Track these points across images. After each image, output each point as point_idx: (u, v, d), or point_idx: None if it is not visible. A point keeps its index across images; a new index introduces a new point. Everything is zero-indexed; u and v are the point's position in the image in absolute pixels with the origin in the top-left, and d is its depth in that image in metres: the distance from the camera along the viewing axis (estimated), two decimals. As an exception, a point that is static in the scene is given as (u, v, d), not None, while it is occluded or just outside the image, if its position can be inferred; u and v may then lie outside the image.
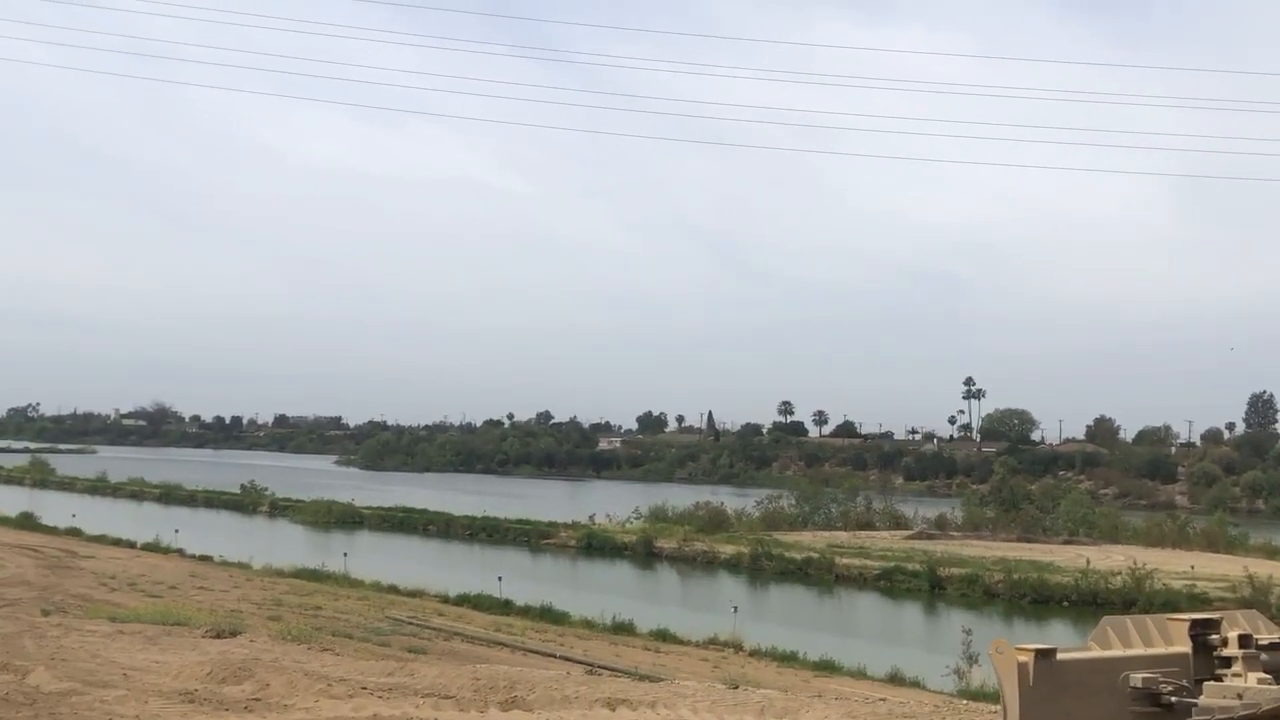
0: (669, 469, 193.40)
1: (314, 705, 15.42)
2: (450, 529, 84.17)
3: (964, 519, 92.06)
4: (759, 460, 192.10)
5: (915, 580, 58.26)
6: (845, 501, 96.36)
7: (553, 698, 16.26)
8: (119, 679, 17.40)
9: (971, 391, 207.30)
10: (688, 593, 60.15)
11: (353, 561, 53.94)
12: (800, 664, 33.43)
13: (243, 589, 41.26)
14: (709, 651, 35.45)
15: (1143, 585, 52.44)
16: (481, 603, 43.79)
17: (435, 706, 15.43)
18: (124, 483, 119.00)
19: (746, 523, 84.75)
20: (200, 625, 25.49)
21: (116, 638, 23.03)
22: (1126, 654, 9.40)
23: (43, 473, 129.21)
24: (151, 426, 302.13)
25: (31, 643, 21.18)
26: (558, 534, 77.91)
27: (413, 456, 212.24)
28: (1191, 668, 9.42)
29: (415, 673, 19.19)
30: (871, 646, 38.62)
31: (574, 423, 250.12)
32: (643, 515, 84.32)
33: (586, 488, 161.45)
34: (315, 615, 34.03)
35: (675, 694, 18.20)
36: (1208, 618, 9.88)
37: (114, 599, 33.67)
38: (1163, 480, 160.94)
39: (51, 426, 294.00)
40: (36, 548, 51.00)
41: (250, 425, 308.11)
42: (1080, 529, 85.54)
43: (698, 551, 70.18)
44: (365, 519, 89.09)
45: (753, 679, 25.27)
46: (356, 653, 24.12)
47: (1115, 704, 9.11)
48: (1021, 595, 55.51)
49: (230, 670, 17.79)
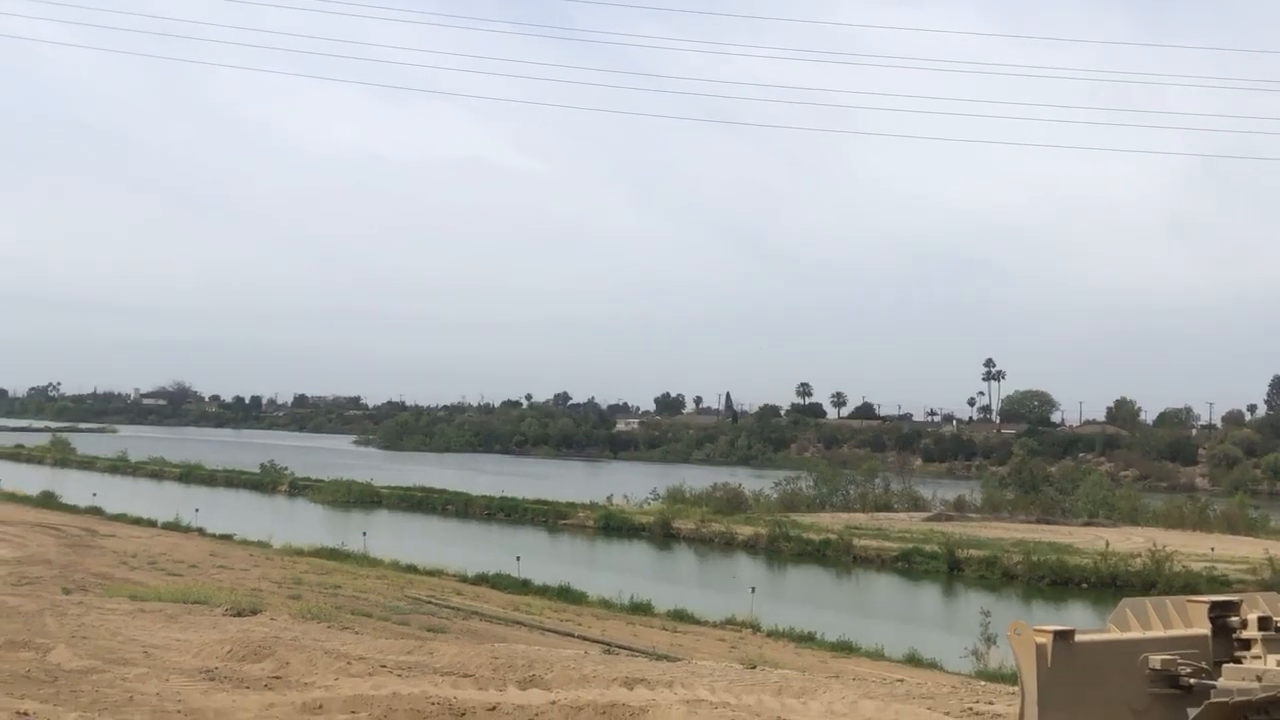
0: (687, 450, 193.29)
1: (334, 683, 15.49)
2: (468, 509, 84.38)
3: (983, 501, 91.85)
4: (777, 442, 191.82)
5: (933, 562, 58.19)
6: (863, 483, 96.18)
7: (571, 677, 16.31)
8: (140, 657, 17.50)
9: (991, 373, 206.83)
10: (705, 573, 60.21)
11: (372, 541, 54.13)
12: (818, 645, 33.43)
13: (262, 568, 41.42)
14: (726, 632, 35.48)
15: (1162, 567, 52.27)
16: (500, 582, 43.89)
17: (454, 685, 15.48)
18: (144, 462, 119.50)
19: (764, 504, 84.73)
20: (220, 604, 25.62)
21: (137, 616, 23.16)
22: (1145, 636, 9.37)
23: (63, 452, 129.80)
24: (171, 406, 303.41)
25: (53, 621, 21.31)
26: (575, 514, 78.04)
27: (431, 437, 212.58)
28: (1211, 650, 9.39)
29: (434, 651, 19.26)
30: (889, 627, 38.61)
31: (592, 404, 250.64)
32: (660, 496, 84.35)
33: (604, 469, 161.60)
34: (335, 594, 34.15)
35: (693, 673, 18.23)
36: (1227, 600, 9.85)
37: (134, 577, 33.84)
38: (1183, 462, 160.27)
39: (72, 406, 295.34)
40: (57, 526, 51.26)
41: (270, 405, 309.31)
42: (1100, 511, 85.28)
43: (715, 532, 70.19)
44: (384, 498, 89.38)
45: (770, 659, 25.29)
46: (376, 631, 24.21)
47: (1134, 686, 9.09)
48: (1040, 577, 55.39)
49: (250, 648, 17.88)
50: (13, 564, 33.50)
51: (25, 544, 41.27)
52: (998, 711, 13.92)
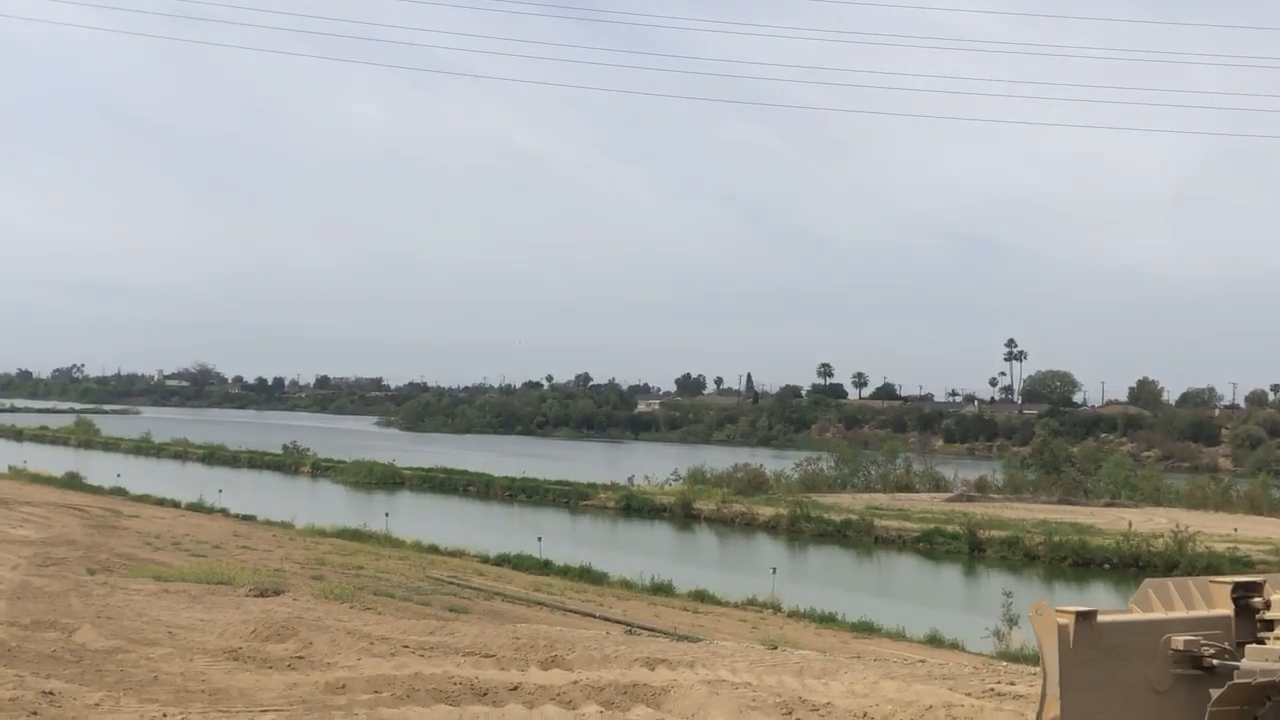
0: (707, 431, 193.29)
1: (356, 663, 15.57)
2: (490, 490, 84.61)
3: (1004, 481, 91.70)
4: (798, 423, 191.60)
5: (955, 543, 58.12)
6: (884, 464, 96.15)
7: (592, 657, 16.35)
8: (164, 637, 17.61)
9: (1013, 353, 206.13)
10: (726, 554, 60.26)
11: (394, 522, 54.34)
12: (839, 625, 33.43)
13: (285, 549, 41.60)
14: (747, 612, 35.50)
15: (1185, 548, 52.09)
16: (521, 563, 44.00)
17: (476, 665, 15.54)
18: (168, 443, 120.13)
19: (785, 485, 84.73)
20: (244, 584, 25.74)
21: (161, 596, 23.31)
22: (1168, 616, 9.35)
23: (88, 433, 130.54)
24: (194, 387, 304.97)
25: (78, 601, 21.46)
26: (596, 495, 78.18)
27: (453, 418, 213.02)
28: (1233, 630, 9.36)
29: (456, 632, 19.33)
30: (910, 608, 38.56)
31: (613, 385, 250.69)
32: (681, 477, 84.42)
33: (625, 450, 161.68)
34: (357, 575, 34.27)
35: (714, 654, 18.26)
36: (1250, 580, 9.80)
37: (158, 558, 34.02)
38: (1206, 443, 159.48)
39: (96, 388, 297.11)
40: (82, 507, 51.56)
41: (292, 386, 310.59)
42: (1122, 492, 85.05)
43: (736, 513, 70.20)
44: (406, 480, 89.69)
45: (791, 640, 25.32)
46: (398, 612, 24.30)
47: (1156, 666, 9.07)
48: (1062, 558, 55.26)
49: (274, 629, 17.97)
50: (38, 545, 33.72)
51: (50, 525, 41.54)
52: (1019, 692, 13.91)
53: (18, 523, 41.08)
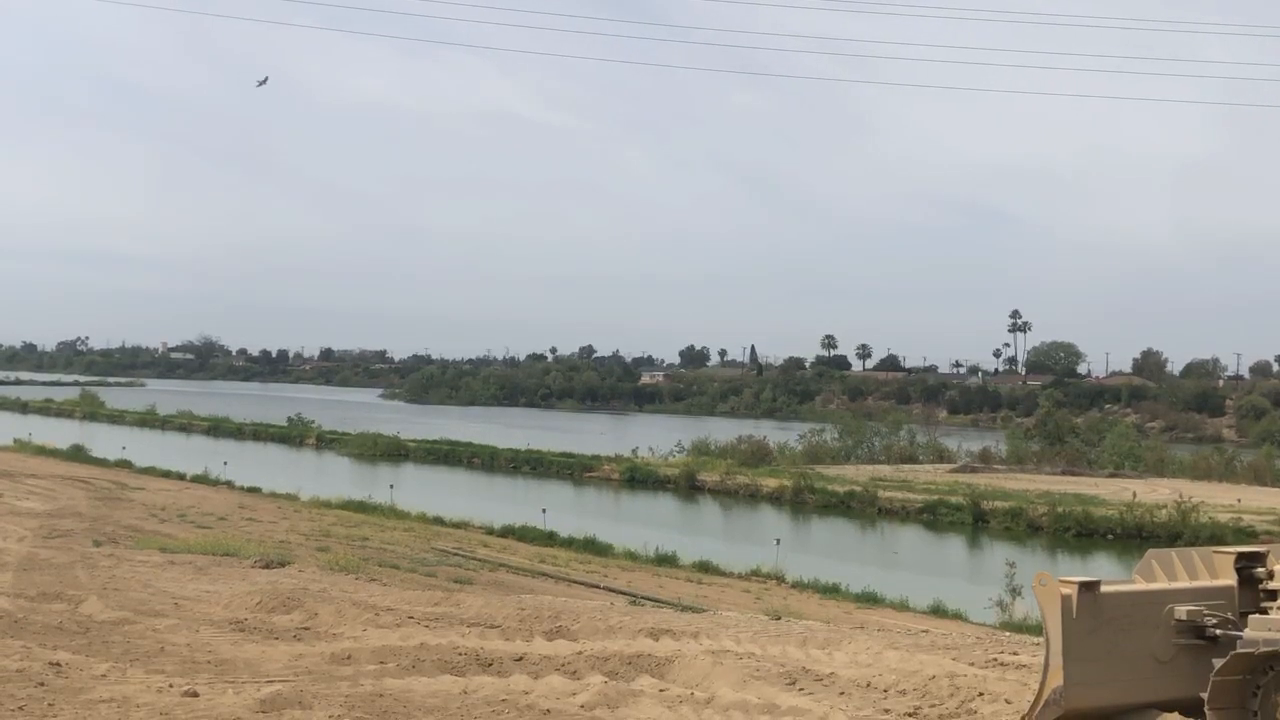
0: (711, 403, 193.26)
1: (362, 634, 15.63)
2: (494, 462, 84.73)
3: (1008, 452, 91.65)
4: (802, 394, 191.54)
5: (958, 513, 58.18)
6: (888, 435, 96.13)
7: (597, 628, 16.40)
8: (170, 608, 17.68)
9: (1017, 324, 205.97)
10: (730, 526, 60.38)
11: (399, 493, 54.45)
12: (842, 596, 33.49)
13: (291, 520, 41.69)
14: (751, 583, 35.58)
15: (1188, 518, 52.12)
16: (526, 534, 44.09)
17: (481, 636, 15.59)
18: (173, 415, 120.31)
19: (789, 456, 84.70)
20: (249, 556, 25.82)
21: (167, 568, 23.38)
22: (1171, 587, 9.37)
23: (92, 406, 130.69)
24: (199, 360, 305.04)
25: (84, 573, 21.53)
26: (601, 467, 78.27)
27: (457, 390, 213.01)
28: (1237, 601, 9.39)
29: (461, 603, 19.38)
30: (914, 579, 38.63)
31: (617, 357, 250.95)
32: (685, 449, 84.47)
33: (629, 421, 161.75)
34: (362, 546, 34.37)
35: (718, 625, 18.31)
36: (1254, 550, 9.83)
37: (164, 530, 34.11)
38: (1210, 413, 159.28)
39: (100, 360, 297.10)
40: (87, 479, 51.67)
41: (296, 359, 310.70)
42: (1126, 463, 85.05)
43: (740, 485, 70.28)
44: (410, 452, 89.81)
45: (795, 611, 25.37)
46: (403, 583, 24.38)
47: (1159, 636, 9.10)
48: (1066, 529, 55.31)
49: (279, 600, 18.03)
50: (44, 517, 33.81)
51: (56, 497, 41.64)
52: (1022, 662, 13.94)
53: (23, 495, 41.18)
